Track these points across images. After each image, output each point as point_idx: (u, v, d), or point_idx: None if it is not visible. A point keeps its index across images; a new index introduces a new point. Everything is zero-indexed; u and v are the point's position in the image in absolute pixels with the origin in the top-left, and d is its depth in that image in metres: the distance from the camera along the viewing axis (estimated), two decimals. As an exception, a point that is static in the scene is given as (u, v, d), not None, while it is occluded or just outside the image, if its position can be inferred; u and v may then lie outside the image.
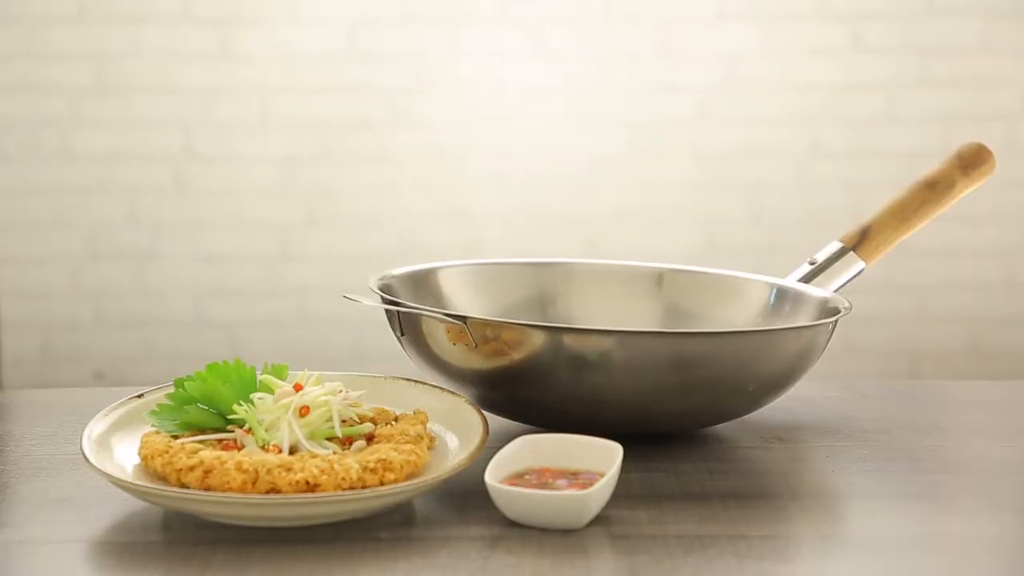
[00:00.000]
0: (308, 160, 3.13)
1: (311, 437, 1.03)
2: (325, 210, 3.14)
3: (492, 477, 0.99)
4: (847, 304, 1.23)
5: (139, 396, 1.11)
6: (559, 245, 3.10)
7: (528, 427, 1.19)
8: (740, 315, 1.33)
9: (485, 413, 1.11)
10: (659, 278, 1.38)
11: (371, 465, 0.98)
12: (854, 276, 1.33)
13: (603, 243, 3.13)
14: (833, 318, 1.18)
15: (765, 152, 3.13)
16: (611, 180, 3.14)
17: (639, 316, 1.36)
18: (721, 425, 1.23)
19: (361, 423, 1.07)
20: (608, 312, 1.36)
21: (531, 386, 1.11)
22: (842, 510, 1.07)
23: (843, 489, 1.12)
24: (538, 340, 1.09)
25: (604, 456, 1.03)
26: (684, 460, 1.14)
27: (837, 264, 1.32)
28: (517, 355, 1.09)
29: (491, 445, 1.08)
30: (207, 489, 0.97)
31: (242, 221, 3.14)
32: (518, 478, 1.02)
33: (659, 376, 1.10)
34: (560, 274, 1.39)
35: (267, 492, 0.96)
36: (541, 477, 1.03)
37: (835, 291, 1.30)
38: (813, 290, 1.30)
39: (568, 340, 1.09)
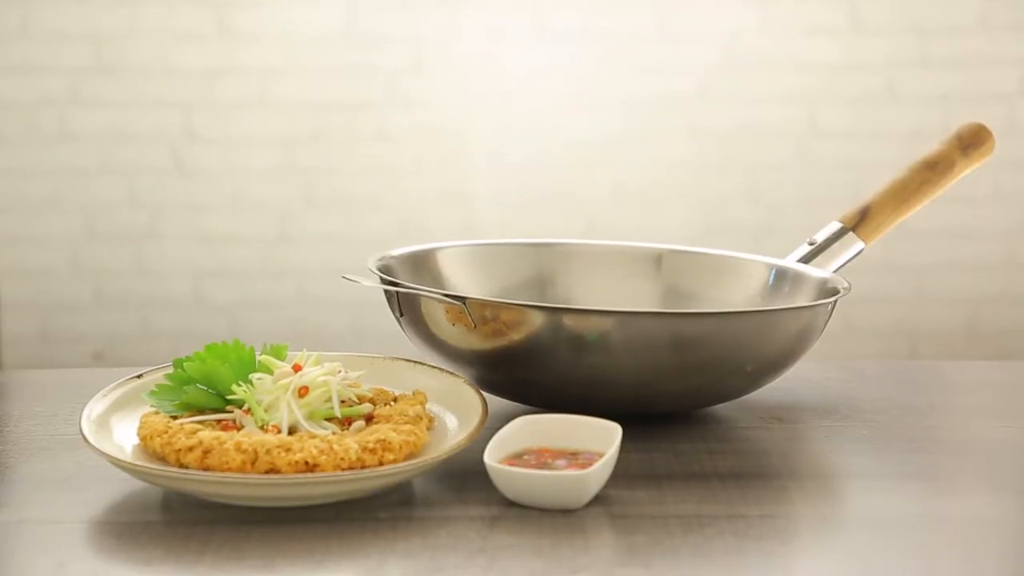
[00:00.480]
0: (307, 141, 3.13)
1: (310, 417, 1.03)
2: (324, 191, 3.14)
3: (491, 457, 0.99)
4: (846, 284, 1.22)
5: (138, 376, 1.11)
6: (558, 225, 3.09)
7: (527, 407, 1.19)
8: (739, 295, 1.33)
9: (484, 393, 1.11)
10: (658, 259, 1.38)
11: (370, 445, 0.98)
12: (853, 256, 1.33)
13: (602, 223, 3.13)
14: (832, 298, 1.18)
15: (764, 132, 3.13)
16: (610, 160, 3.13)
17: (638, 296, 1.36)
18: (720, 405, 1.23)
19: (360, 403, 1.07)
20: (607, 292, 1.35)
21: (530, 366, 1.11)
22: (841, 490, 1.07)
23: (842, 469, 1.12)
24: (537, 320, 1.09)
25: (603, 436, 1.03)
26: (683, 440, 1.14)
27: (836, 244, 1.32)
28: (516, 335, 1.09)
29: (490, 426, 1.07)
30: (206, 469, 0.97)
31: (241, 202, 3.13)
32: (517, 458, 1.02)
33: (658, 356, 1.09)
34: (559, 255, 1.38)
35: (266, 472, 0.96)
36: (540, 457, 1.03)
37: (834, 271, 1.30)
38: (812, 270, 1.30)
39: (567, 320, 1.08)
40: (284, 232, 3.14)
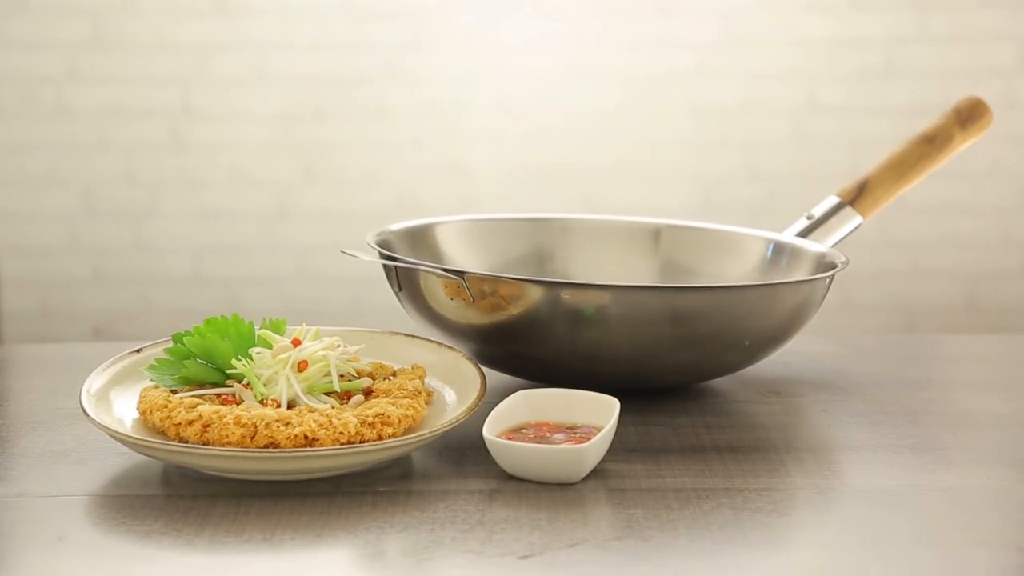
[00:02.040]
0: (306, 117, 3.12)
1: (309, 391, 1.03)
2: (323, 167, 3.13)
3: (490, 431, 0.99)
4: (844, 259, 1.22)
5: (137, 351, 1.11)
6: (556, 200, 3.08)
7: (526, 382, 1.19)
8: (737, 270, 1.33)
9: (483, 368, 1.11)
10: (656, 233, 1.37)
11: (369, 419, 0.98)
12: (852, 231, 1.32)
13: (601, 198, 3.12)
14: (830, 272, 1.18)
15: (763, 107, 3.12)
16: (609, 135, 3.13)
17: (636, 271, 1.36)
18: (718, 380, 1.23)
19: (359, 378, 1.07)
20: (605, 267, 1.35)
21: (528, 341, 1.11)
22: (838, 463, 1.07)
23: (839, 442, 1.12)
24: (535, 295, 1.09)
25: (601, 410, 1.03)
26: (681, 414, 1.15)
27: (834, 219, 1.32)
28: (514, 310, 1.09)
29: (489, 400, 1.08)
30: (206, 443, 0.97)
31: (240, 178, 3.13)
32: (516, 432, 1.02)
33: (655, 331, 1.09)
34: (557, 229, 1.38)
35: (265, 446, 0.96)
36: (538, 431, 1.03)
37: (832, 246, 1.30)
38: (810, 245, 1.29)
39: (565, 295, 1.08)
40: (283, 207, 3.14)
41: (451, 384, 1.09)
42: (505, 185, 3.12)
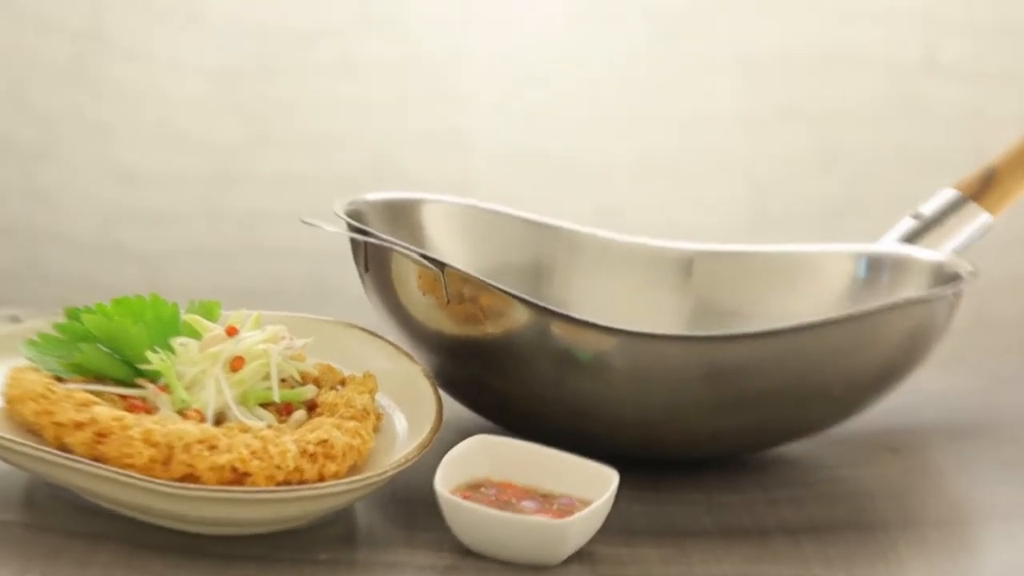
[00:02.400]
0: (252, 68, 2.94)
1: (243, 400, 0.90)
2: (280, 127, 2.96)
3: (443, 484, 0.84)
4: (971, 268, 1.04)
5: (13, 319, 1.00)
6: (567, 200, 2.87)
7: (489, 424, 1.03)
8: (810, 301, 1.13)
9: (441, 392, 0.96)
10: (688, 263, 1.19)
11: (310, 449, 0.84)
12: (978, 233, 1.15)
13: (623, 203, 2.89)
14: (951, 287, 1.00)
15: (851, 67, 2.82)
16: (629, 111, 2.87)
17: (657, 311, 1.17)
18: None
19: (303, 384, 0.94)
20: (615, 301, 1.18)
21: (502, 372, 0.97)
22: (975, 538, 0.90)
23: (981, 508, 0.95)
24: (520, 317, 0.94)
25: (589, 480, 0.87)
26: (726, 490, 0.94)
27: (953, 218, 1.14)
28: (492, 328, 0.95)
29: (443, 437, 0.91)
30: (98, 460, 0.82)
31: (169, 135, 2.94)
32: (473, 490, 0.87)
33: (680, 390, 0.93)
34: (563, 241, 1.21)
35: (182, 478, 0.81)
36: (502, 494, 0.88)
37: (953, 252, 1.12)
38: (921, 252, 1.11)
39: (556, 329, 0.93)
40: (224, 171, 2.96)
41: (402, 405, 0.96)
42: (507, 164, 2.92)
